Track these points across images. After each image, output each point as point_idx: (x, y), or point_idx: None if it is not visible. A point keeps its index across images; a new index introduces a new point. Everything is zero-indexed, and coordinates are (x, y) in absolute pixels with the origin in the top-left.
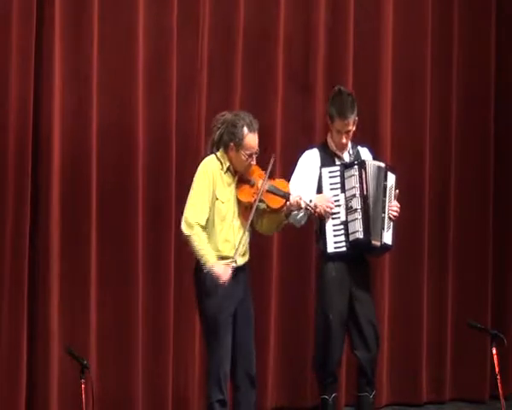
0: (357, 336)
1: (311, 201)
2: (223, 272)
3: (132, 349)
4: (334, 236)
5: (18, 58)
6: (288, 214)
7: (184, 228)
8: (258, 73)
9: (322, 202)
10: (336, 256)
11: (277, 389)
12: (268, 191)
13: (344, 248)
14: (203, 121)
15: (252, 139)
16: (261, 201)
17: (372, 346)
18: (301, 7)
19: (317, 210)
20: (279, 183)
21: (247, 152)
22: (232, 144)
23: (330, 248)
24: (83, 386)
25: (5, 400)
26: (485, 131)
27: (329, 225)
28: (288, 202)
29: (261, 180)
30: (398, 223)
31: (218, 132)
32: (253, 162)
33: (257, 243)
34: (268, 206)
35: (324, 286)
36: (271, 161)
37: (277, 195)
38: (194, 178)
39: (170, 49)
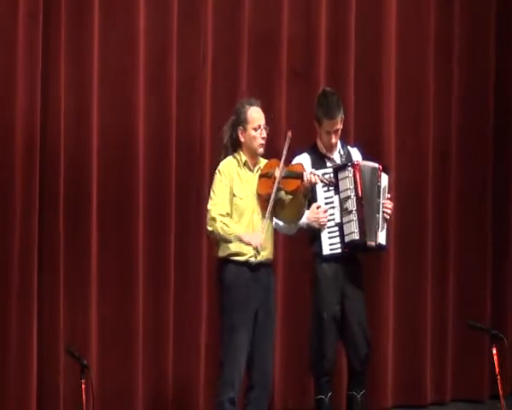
0: (347, 335)
1: None
2: (252, 238)
3: (133, 349)
4: (330, 238)
5: (25, 59)
6: (307, 195)
7: (208, 225)
8: (264, 75)
9: (313, 215)
10: (331, 258)
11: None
12: (284, 177)
13: (339, 250)
14: (207, 122)
15: (254, 111)
16: (280, 189)
17: (360, 346)
18: (303, 9)
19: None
20: (295, 166)
21: (254, 125)
22: (241, 128)
23: (326, 251)
24: (83, 386)
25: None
26: (485, 132)
27: None
28: (302, 182)
29: (277, 169)
30: (400, 224)
31: (227, 136)
32: (264, 135)
33: None
34: (285, 191)
35: (318, 286)
36: (285, 147)
37: (292, 177)
38: (213, 181)
39: (170, 49)
